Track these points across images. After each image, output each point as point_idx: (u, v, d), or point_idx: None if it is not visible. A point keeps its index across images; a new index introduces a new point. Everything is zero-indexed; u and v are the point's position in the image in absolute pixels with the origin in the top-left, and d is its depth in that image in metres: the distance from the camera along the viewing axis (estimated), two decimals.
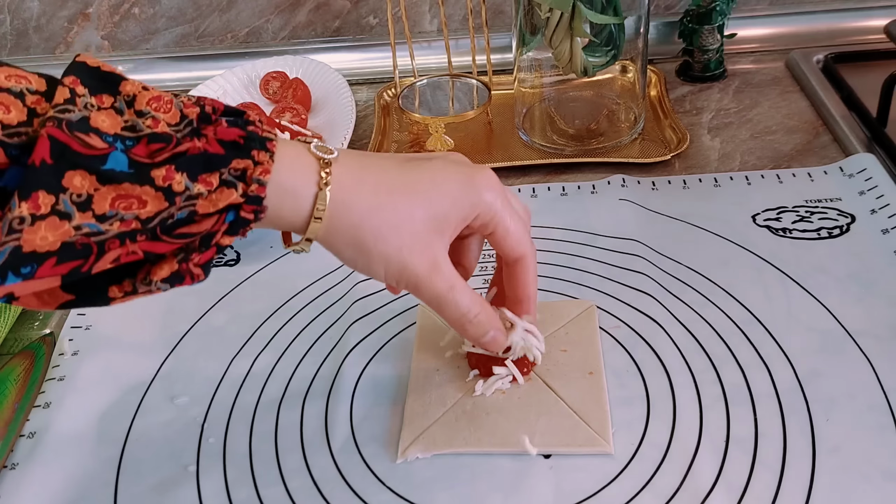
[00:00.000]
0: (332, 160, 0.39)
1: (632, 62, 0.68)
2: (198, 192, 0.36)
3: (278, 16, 0.85)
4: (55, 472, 0.45)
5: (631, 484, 0.42)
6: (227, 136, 0.37)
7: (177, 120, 0.37)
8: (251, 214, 0.37)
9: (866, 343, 0.48)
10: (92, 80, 0.38)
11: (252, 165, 0.37)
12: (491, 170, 0.42)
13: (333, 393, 0.49)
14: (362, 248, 0.40)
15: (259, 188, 0.37)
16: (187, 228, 0.36)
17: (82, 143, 0.34)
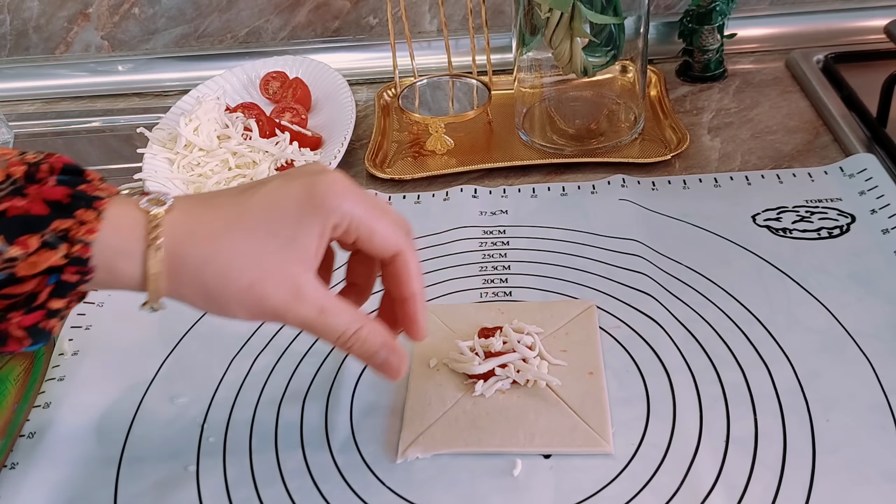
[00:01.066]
0: (161, 214, 0.37)
1: (632, 62, 0.68)
2: (13, 256, 0.34)
3: (278, 16, 0.85)
4: (55, 472, 0.45)
5: (631, 484, 0.42)
6: (52, 195, 0.36)
7: (1, 179, 0.36)
8: (75, 276, 0.36)
9: (866, 343, 0.48)
10: None
11: (76, 225, 0.36)
12: (338, 173, 0.39)
13: (333, 393, 0.49)
14: (212, 296, 0.38)
15: (83, 248, 0.35)
16: (8, 290, 0.35)
17: None
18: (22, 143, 0.78)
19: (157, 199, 0.38)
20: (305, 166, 0.41)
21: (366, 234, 0.39)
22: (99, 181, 0.38)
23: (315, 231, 0.38)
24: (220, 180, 0.65)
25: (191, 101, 0.73)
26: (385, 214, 0.40)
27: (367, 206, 0.39)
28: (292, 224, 0.38)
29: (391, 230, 0.40)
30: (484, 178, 0.67)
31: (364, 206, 0.39)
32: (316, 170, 0.39)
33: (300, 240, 0.38)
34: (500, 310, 0.52)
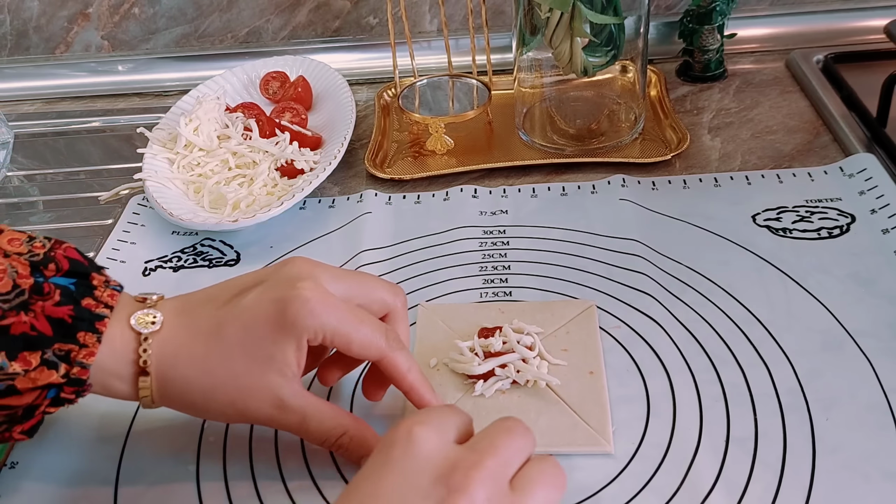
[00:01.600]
0: (151, 333, 0.40)
1: (632, 62, 0.68)
2: (14, 372, 0.36)
3: (278, 16, 0.85)
4: (55, 471, 0.45)
5: (631, 484, 0.42)
6: (56, 314, 0.38)
7: (7, 289, 0.37)
8: (72, 395, 0.38)
9: (866, 343, 0.48)
10: None
11: (77, 348, 0.38)
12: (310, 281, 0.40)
13: (333, 393, 0.49)
14: (199, 410, 0.42)
15: (81, 371, 0.38)
16: (7, 401, 0.37)
17: None
18: (22, 143, 0.78)
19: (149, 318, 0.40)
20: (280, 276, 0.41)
21: (343, 344, 0.40)
22: (102, 286, 0.40)
23: (290, 348, 0.40)
24: (220, 180, 0.65)
25: (191, 101, 0.73)
26: (361, 322, 0.41)
27: (342, 317, 0.40)
28: (268, 344, 0.39)
29: (369, 337, 0.41)
30: (484, 178, 0.67)
31: (338, 319, 0.40)
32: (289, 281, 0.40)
33: (277, 357, 0.40)
34: (500, 310, 0.52)
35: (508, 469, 0.34)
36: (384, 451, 0.34)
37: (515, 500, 0.33)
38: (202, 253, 0.61)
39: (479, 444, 0.35)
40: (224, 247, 0.61)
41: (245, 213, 0.61)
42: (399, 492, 0.32)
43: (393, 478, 0.33)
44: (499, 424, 0.36)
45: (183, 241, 0.62)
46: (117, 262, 0.61)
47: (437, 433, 0.34)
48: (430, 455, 0.33)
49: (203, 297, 0.43)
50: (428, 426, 0.34)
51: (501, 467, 0.34)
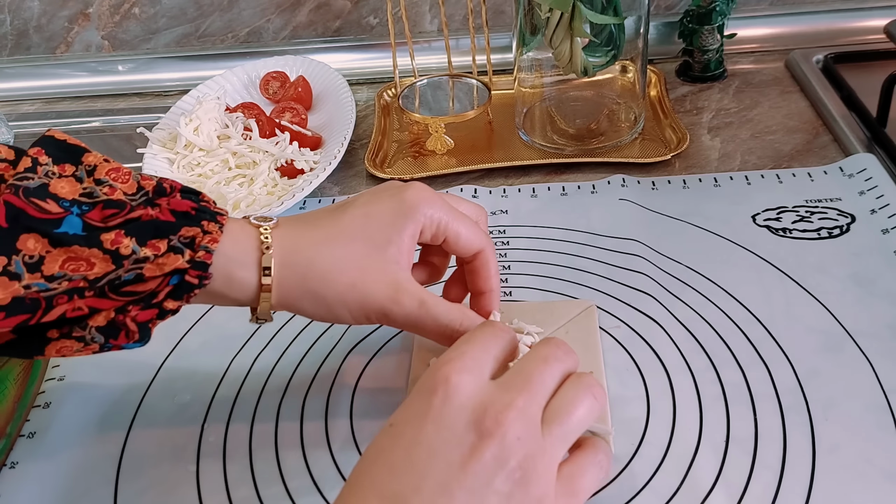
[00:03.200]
0: (269, 229, 0.42)
1: (632, 62, 0.68)
2: (144, 256, 0.38)
3: (279, 16, 0.85)
4: (55, 471, 0.45)
5: (631, 484, 0.42)
6: (180, 206, 0.40)
7: (133, 190, 0.40)
8: (196, 280, 0.39)
9: (866, 343, 0.48)
10: (56, 151, 0.40)
11: (201, 234, 0.39)
12: (420, 183, 0.44)
13: (334, 392, 0.49)
14: (317, 298, 0.42)
15: (206, 255, 0.39)
16: (133, 287, 0.38)
17: (38, 208, 0.37)
18: (22, 143, 0.78)
19: (265, 217, 0.43)
20: (390, 183, 0.45)
21: (452, 236, 0.44)
22: (213, 202, 0.42)
23: (407, 233, 0.42)
24: (220, 180, 0.65)
25: (191, 101, 0.73)
26: (466, 218, 0.44)
27: (452, 211, 0.43)
28: (387, 229, 0.42)
29: (473, 232, 0.44)
30: (484, 178, 0.67)
31: (449, 212, 0.43)
32: (401, 185, 0.44)
33: (395, 242, 0.42)
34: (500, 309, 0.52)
35: (541, 399, 0.36)
36: (426, 397, 0.35)
37: (546, 431, 0.35)
38: None
39: (512, 380, 0.36)
40: None
41: (245, 213, 0.61)
42: (440, 438, 0.33)
43: (434, 425, 0.34)
44: (535, 353, 0.38)
45: None
46: None
47: (473, 376, 0.35)
48: (466, 402, 0.34)
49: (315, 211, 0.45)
50: (465, 372, 0.35)
51: (533, 402, 0.35)
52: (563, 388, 0.37)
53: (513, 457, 0.33)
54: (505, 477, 0.33)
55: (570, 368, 0.38)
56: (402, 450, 0.34)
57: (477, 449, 0.33)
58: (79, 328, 0.38)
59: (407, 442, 0.34)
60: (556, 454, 0.35)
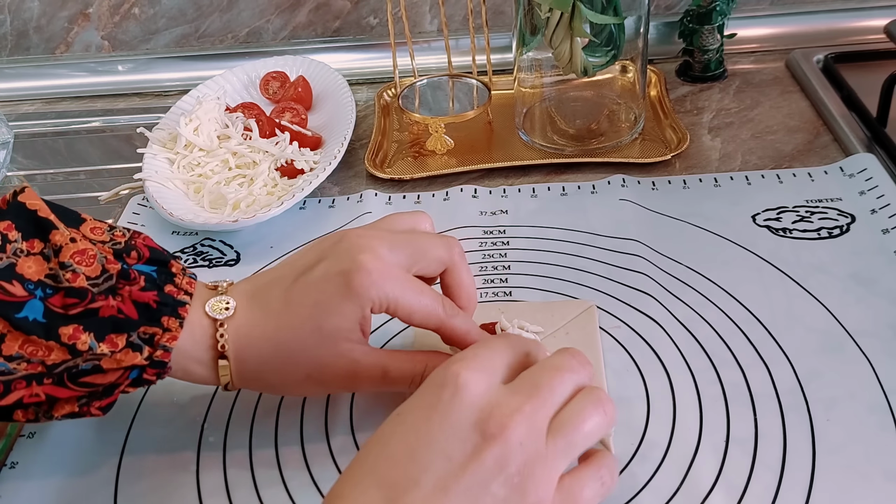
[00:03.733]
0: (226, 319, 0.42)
1: (632, 62, 0.68)
2: (101, 352, 0.38)
3: (278, 16, 0.85)
4: (55, 471, 0.45)
5: (631, 484, 0.42)
6: (142, 298, 0.40)
7: (97, 274, 0.39)
8: (153, 377, 0.40)
9: (866, 343, 0.48)
10: (26, 224, 0.39)
11: (160, 332, 0.40)
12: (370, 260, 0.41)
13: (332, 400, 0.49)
14: (277, 388, 0.44)
15: (164, 354, 0.40)
16: (91, 378, 0.39)
17: (2, 290, 0.37)
18: (22, 142, 0.78)
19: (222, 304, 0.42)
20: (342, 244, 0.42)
21: (405, 313, 0.42)
22: (180, 274, 0.42)
23: (356, 317, 0.41)
24: (220, 180, 0.65)
25: (191, 101, 0.73)
26: (421, 293, 0.42)
27: (403, 288, 0.41)
28: (335, 316, 0.41)
29: (429, 307, 0.42)
30: (484, 178, 0.67)
31: (400, 289, 0.41)
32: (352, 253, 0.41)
33: (344, 326, 0.41)
34: (500, 310, 0.52)
35: (549, 408, 0.35)
36: (435, 391, 0.35)
37: (551, 440, 0.34)
38: (202, 253, 0.61)
39: (522, 386, 0.36)
40: (224, 247, 0.61)
41: (245, 213, 0.61)
42: (444, 433, 0.34)
43: (440, 419, 0.34)
44: (550, 360, 0.37)
45: (183, 241, 0.62)
46: None
47: (485, 376, 0.35)
48: (475, 400, 0.34)
49: (270, 278, 0.44)
50: (477, 371, 0.35)
51: (541, 411, 0.35)
52: (574, 401, 0.36)
53: (513, 461, 0.33)
54: (503, 481, 0.33)
55: (583, 381, 0.37)
56: (405, 440, 0.34)
57: (479, 450, 0.33)
58: (45, 416, 0.40)
59: (411, 433, 0.34)
60: (557, 464, 0.35)
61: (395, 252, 0.42)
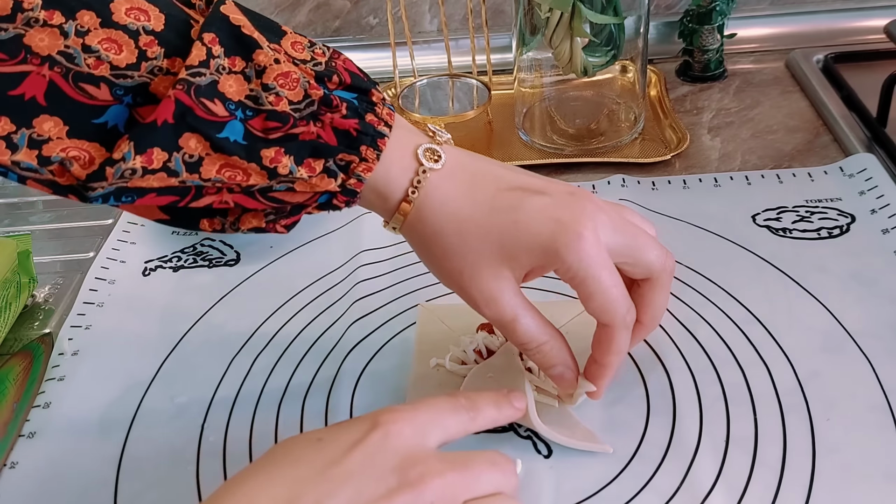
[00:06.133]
0: (431, 169, 0.40)
1: (632, 62, 0.68)
2: (299, 176, 0.38)
3: (278, 15, 0.85)
4: (55, 471, 0.45)
5: (631, 484, 0.42)
6: (343, 125, 0.39)
7: (299, 98, 0.38)
8: (342, 204, 0.40)
9: (866, 343, 0.48)
10: (230, 41, 0.38)
11: (357, 161, 0.39)
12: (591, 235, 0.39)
13: (333, 392, 0.49)
14: (429, 258, 0.42)
15: (357, 183, 0.39)
16: (281, 196, 0.39)
17: (205, 108, 0.36)
18: None
19: (434, 151, 0.41)
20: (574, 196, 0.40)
21: (584, 294, 0.40)
22: (380, 105, 0.41)
23: (536, 263, 0.40)
24: None
25: None
26: (614, 286, 0.40)
27: (599, 273, 0.39)
28: (523, 248, 0.39)
29: (611, 303, 0.40)
30: None
31: (596, 271, 0.39)
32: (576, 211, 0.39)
33: (521, 260, 0.40)
34: None
35: (468, 491, 0.34)
36: (364, 429, 0.34)
37: None
38: (202, 253, 0.61)
39: (452, 458, 0.35)
40: (224, 247, 0.61)
41: None
42: (360, 467, 0.33)
43: (361, 456, 0.33)
44: (487, 454, 0.36)
45: (183, 240, 0.62)
46: (117, 262, 0.61)
47: (416, 434, 0.35)
48: (402, 449, 0.34)
49: (491, 169, 0.42)
50: (410, 427, 0.35)
51: (461, 486, 0.34)
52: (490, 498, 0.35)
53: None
54: None
55: (506, 489, 0.36)
56: (321, 464, 0.33)
57: (392, 493, 0.32)
58: (231, 227, 0.40)
59: (329, 459, 0.33)
60: None
61: (616, 234, 0.40)
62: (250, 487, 0.33)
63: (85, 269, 0.60)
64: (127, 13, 0.36)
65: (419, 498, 0.32)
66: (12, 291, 0.55)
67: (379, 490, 0.32)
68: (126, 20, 0.36)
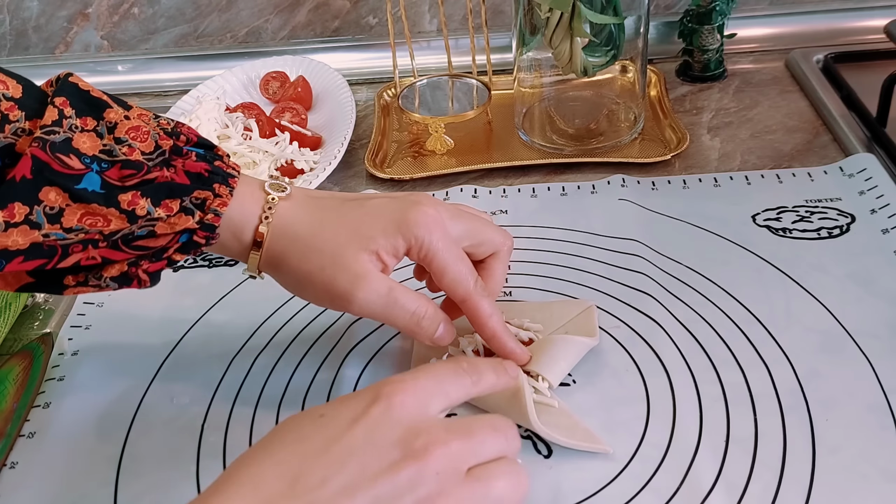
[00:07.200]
0: (279, 197, 0.43)
1: (632, 62, 0.68)
2: (158, 217, 0.40)
3: (278, 16, 0.85)
4: (55, 471, 0.45)
5: (631, 484, 0.42)
6: (194, 168, 0.42)
7: (151, 149, 0.41)
8: (203, 239, 0.42)
9: (866, 343, 0.48)
10: (80, 103, 0.41)
11: (212, 197, 0.42)
12: (433, 207, 0.43)
13: (333, 393, 0.49)
14: (291, 271, 0.43)
15: (214, 218, 0.41)
16: (144, 242, 0.40)
17: (61, 163, 0.39)
18: None
19: (279, 185, 0.44)
20: (410, 196, 0.45)
21: (438, 269, 0.43)
22: (227, 157, 0.44)
23: (395, 244, 0.43)
24: None
25: (191, 101, 0.73)
26: (461, 260, 0.44)
27: (448, 247, 0.43)
28: (375, 231, 0.43)
29: (463, 274, 0.44)
30: (484, 178, 0.67)
31: (445, 246, 0.43)
32: (416, 198, 0.44)
33: (377, 243, 0.42)
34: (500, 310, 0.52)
35: (472, 457, 0.35)
36: (365, 404, 0.34)
37: (467, 483, 0.34)
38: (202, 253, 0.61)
39: (455, 426, 0.35)
40: None
41: None
42: (363, 442, 0.33)
43: (364, 430, 0.34)
44: (488, 419, 0.37)
45: None
46: None
47: (419, 403, 0.35)
48: (404, 421, 0.34)
49: (332, 193, 0.47)
50: (413, 396, 0.35)
51: (465, 453, 0.34)
52: (496, 462, 0.35)
53: (426, 486, 0.33)
54: (411, 502, 0.32)
55: (509, 452, 0.36)
56: (323, 441, 0.33)
57: (396, 465, 0.33)
58: (94, 278, 0.41)
59: (332, 436, 0.33)
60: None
61: (454, 222, 0.44)
62: (257, 467, 0.33)
63: None
64: None
65: (424, 469, 0.33)
66: None
67: (383, 464, 0.33)
68: None
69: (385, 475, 0.32)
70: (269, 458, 0.33)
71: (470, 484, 0.34)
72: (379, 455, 0.33)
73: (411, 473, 0.32)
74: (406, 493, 0.32)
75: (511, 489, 0.35)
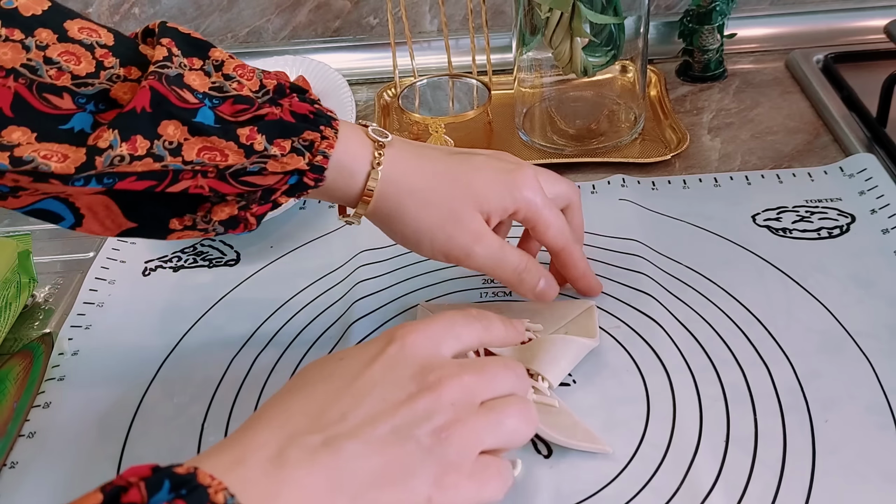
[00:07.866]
0: (386, 143, 0.44)
1: (632, 62, 0.68)
2: (272, 154, 0.40)
3: (279, 16, 0.85)
4: (55, 471, 0.45)
5: (631, 484, 0.42)
6: (300, 109, 0.42)
7: (257, 87, 0.42)
8: (312, 181, 0.42)
9: (866, 343, 0.48)
10: (184, 45, 0.41)
11: (319, 139, 0.42)
12: (531, 169, 0.46)
13: None
14: (406, 223, 0.45)
15: (323, 160, 0.42)
16: (254, 179, 0.41)
17: (178, 96, 0.39)
18: None
19: (381, 131, 0.45)
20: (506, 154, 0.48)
21: (542, 227, 0.47)
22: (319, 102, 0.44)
23: (502, 206, 0.45)
24: None
25: None
26: (560, 216, 0.47)
27: (549, 204, 0.46)
28: (489, 193, 0.45)
29: (564, 227, 0.47)
30: None
31: (547, 204, 0.46)
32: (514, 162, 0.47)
33: (491, 204, 0.45)
34: (500, 310, 0.52)
35: (485, 391, 0.36)
36: (381, 345, 0.37)
37: (481, 413, 0.35)
38: (202, 253, 0.61)
39: (467, 363, 0.37)
40: (224, 247, 0.61)
41: None
42: (381, 378, 0.35)
43: (382, 368, 0.36)
44: (499, 359, 0.40)
45: (183, 241, 0.62)
46: (117, 261, 0.61)
47: (432, 344, 0.37)
48: (418, 357, 0.36)
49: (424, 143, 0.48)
50: (426, 338, 0.37)
51: (478, 386, 0.36)
52: (507, 398, 0.37)
53: (442, 416, 0.34)
54: (430, 431, 0.34)
55: (519, 389, 0.38)
56: (343, 380, 0.35)
57: (413, 397, 0.34)
58: (203, 221, 0.42)
59: (352, 374, 0.35)
60: (482, 436, 0.35)
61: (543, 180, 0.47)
62: (284, 406, 0.34)
63: (85, 269, 0.60)
64: (80, 31, 0.39)
65: (439, 399, 0.34)
66: (12, 291, 0.55)
67: (400, 396, 0.34)
68: (80, 36, 0.39)
69: (403, 406, 0.34)
70: (295, 397, 0.35)
71: (485, 413, 0.36)
72: (396, 388, 0.35)
73: (428, 403, 0.34)
74: (423, 421, 0.34)
75: (523, 424, 0.37)
